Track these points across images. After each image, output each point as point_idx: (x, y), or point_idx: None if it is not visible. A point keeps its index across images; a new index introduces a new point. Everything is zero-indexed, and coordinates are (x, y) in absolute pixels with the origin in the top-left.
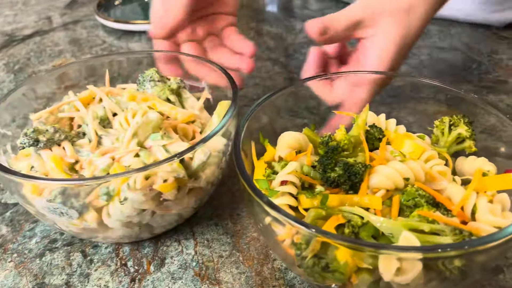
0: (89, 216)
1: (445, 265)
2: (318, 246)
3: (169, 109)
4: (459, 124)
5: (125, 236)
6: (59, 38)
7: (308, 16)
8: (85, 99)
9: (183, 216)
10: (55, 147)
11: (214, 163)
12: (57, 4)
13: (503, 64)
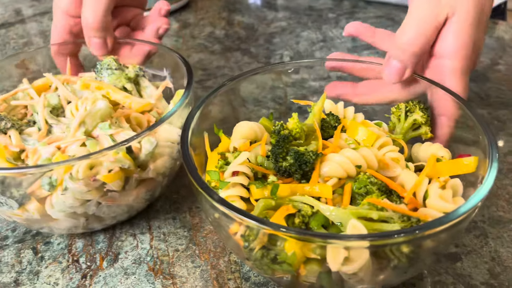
0: (31, 206)
1: (393, 252)
2: (265, 238)
3: (123, 98)
4: (414, 110)
5: (73, 227)
6: (24, 30)
7: (281, 6)
8: (41, 87)
9: (135, 207)
10: (1, 135)
11: (165, 153)
12: None
13: None
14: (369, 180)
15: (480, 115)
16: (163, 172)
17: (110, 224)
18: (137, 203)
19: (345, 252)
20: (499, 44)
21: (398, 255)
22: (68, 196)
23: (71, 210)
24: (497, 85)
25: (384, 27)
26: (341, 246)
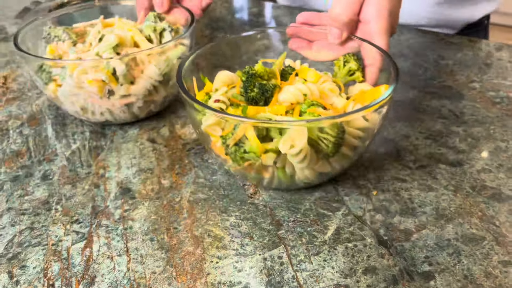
0: (50, 86)
1: (322, 140)
2: (239, 135)
3: (139, 40)
4: (350, 60)
5: (74, 112)
6: (6, 48)
7: (264, 23)
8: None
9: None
10: (59, 42)
11: (141, 82)
12: (8, 13)
13: (448, 69)
14: (312, 102)
15: (391, 59)
16: (138, 93)
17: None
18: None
19: (290, 139)
20: (474, 62)
21: (326, 142)
22: (67, 86)
23: (69, 98)
24: (472, 103)
25: None
26: (288, 127)
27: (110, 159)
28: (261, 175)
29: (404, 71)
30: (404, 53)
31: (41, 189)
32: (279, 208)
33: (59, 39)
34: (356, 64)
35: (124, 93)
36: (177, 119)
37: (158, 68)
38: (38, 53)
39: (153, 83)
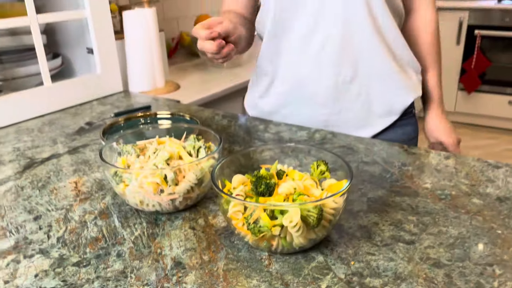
0: (120, 185)
1: (308, 216)
2: (256, 215)
3: (184, 155)
4: (321, 165)
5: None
6: (71, 159)
7: (269, 138)
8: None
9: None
10: (128, 156)
11: (182, 185)
12: (67, 131)
13: (409, 173)
14: (300, 193)
15: (347, 164)
16: (180, 192)
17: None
18: (165, 205)
19: (290, 217)
20: (428, 168)
21: (312, 218)
22: (132, 186)
23: (133, 194)
24: (424, 199)
25: (345, 155)
26: (287, 208)
27: (163, 242)
28: (270, 243)
29: (375, 175)
30: (377, 161)
31: (118, 263)
32: (287, 274)
33: (128, 153)
34: (325, 166)
35: (170, 191)
36: (209, 212)
37: (195, 175)
38: (112, 162)
39: (191, 184)
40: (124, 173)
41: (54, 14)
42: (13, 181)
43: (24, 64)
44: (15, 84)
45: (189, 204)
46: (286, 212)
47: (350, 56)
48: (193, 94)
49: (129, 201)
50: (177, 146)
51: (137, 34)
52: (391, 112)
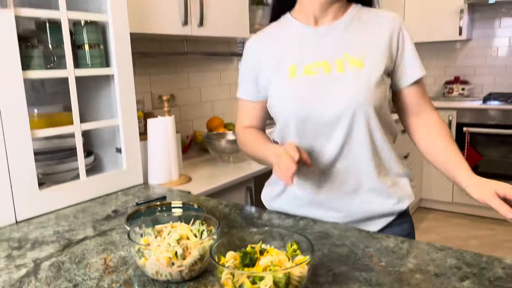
0: (142, 259)
1: (279, 281)
2: (241, 281)
3: (191, 236)
4: (294, 244)
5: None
6: (101, 240)
7: (261, 224)
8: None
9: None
10: (148, 236)
11: (189, 260)
12: (97, 217)
13: (369, 254)
14: (274, 265)
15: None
16: (187, 265)
17: None
18: (174, 275)
19: (265, 281)
20: (386, 250)
21: (282, 283)
22: (151, 259)
23: (151, 266)
24: (377, 274)
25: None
26: (264, 275)
27: None
28: None
29: (343, 255)
30: (346, 244)
31: None
32: None
33: (148, 234)
34: (297, 245)
35: (179, 264)
36: (209, 282)
37: (198, 252)
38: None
39: (195, 259)
40: (145, 250)
41: (94, 123)
42: (55, 257)
43: (63, 161)
44: (56, 177)
45: (193, 275)
46: (263, 278)
47: (353, 174)
48: (203, 185)
49: (147, 272)
50: (186, 229)
51: (158, 137)
52: (388, 215)
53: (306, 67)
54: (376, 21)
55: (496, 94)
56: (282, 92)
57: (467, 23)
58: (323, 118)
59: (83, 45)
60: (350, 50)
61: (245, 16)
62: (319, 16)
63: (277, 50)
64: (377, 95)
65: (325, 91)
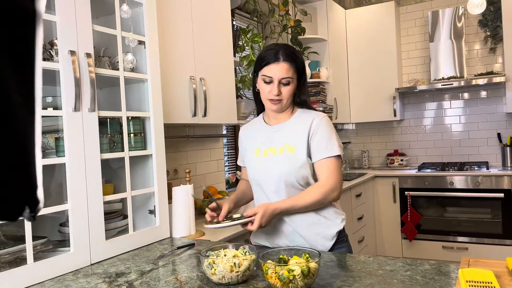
0: (211, 271)
1: (304, 270)
2: (281, 272)
3: (237, 254)
4: (306, 254)
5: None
6: (165, 270)
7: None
8: (224, 252)
9: (233, 281)
10: (211, 257)
11: (241, 268)
12: (150, 258)
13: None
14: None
15: None
16: (243, 271)
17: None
18: (233, 279)
19: (295, 271)
20: (345, 272)
21: (305, 271)
22: (219, 270)
23: (218, 274)
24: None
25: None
26: (294, 268)
27: None
28: (288, 286)
29: None
30: None
31: None
32: None
33: (212, 255)
34: (308, 255)
35: (237, 270)
36: (256, 282)
37: (248, 262)
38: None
39: (246, 268)
40: (213, 263)
41: (140, 190)
42: (139, 280)
43: (112, 221)
44: (107, 233)
45: (244, 279)
46: (294, 270)
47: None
48: (214, 237)
49: (214, 279)
50: (235, 251)
51: (181, 200)
52: (327, 241)
53: (264, 150)
54: (307, 120)
55: (428, 164)
56: (249, 165)
57: (399, 106)
58: (268, 183)
59: (130, 134)
60: (288, 141)
61: (233, 108)
62: (273, 118)
63: (253, 137)
64: (301, 172)
65: (270, 166)
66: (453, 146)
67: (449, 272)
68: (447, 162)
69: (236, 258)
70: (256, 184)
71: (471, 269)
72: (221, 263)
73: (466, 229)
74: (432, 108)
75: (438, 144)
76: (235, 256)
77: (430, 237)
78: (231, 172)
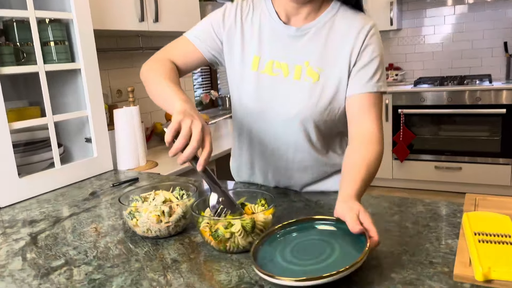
0: (133, 220)
1: (246, 225)
2: (215, 227)
3: (174, 200)
4: (262, 200)
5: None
6: (87, 215)
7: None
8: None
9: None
10: (135, 202)
11: (174, 217)
12: (77, 199)
13: (321, 204)
14: None
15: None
16: (173, 221)
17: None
18: (163, 231)
19: (235, 227)
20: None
21: (248, 227)
22: (142, 219)
23: (142, 225)
24: (323, 212)
25: (280, 197)
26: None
27: (164, 252)
28: (225, 245)
29: (300, 207)
30: (301, 199)
31: (137, 264)
32: (241, 259)
33: (136, 200)
34: (264, 200)
35: (166, 221)
36: (191, 235)
37: (182, 210)
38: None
39: (180, 216)
40: (135, 212)
41: (66, 114)
42: (48, 230)
43: (36, 153)
44: (30, 168)
45: (178, 230)
46: (233, 225)
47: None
48: (169, 168)
49: (138, 231)
50: (168, 194)
51: (124, 126)
52: None
53: (268, 63)
54: (345, 32)
55: (425, 78)
56: (245, 83)
57: (397, 14)
58: (270, 124)
59: (49, 42)
60: (311, 60)
61: (196, 12)
62: (291, 14)
63: (252, 33)
64: (323, 116)
65: (279, 94)
66: (454, 59)
67: (449, 216)
68: (446, 76)
69: (166, 205)
70: (244, 120)
71: (480, 214)
72: (144, 212)
73: (461, 148)
74: (433, 15)
75: (437, 57)
76: (166, 201)
77: (422, 157)
78: (205, 92)
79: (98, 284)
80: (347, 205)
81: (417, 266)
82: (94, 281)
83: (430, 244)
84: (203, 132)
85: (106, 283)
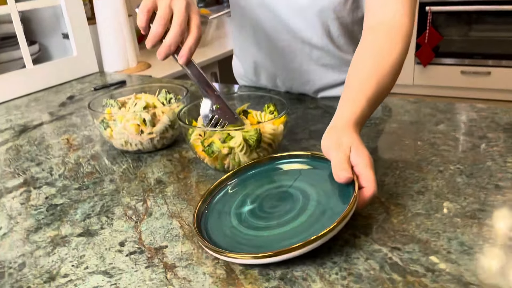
0: (107, 131)
1: (250, 138)
2: (210, 140)
3: (157, 104)
4: (270, 106)
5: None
6: (60, 124)
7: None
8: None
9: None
10: (112, 108)
11: (158, 127)
12: (52, 105)
13: None
14: None
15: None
16: (157, 132)
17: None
18: (146, 144)
19: (235, 140)
20: None
21: (252, 141)
22: (117, 129)
23: (118, 136)
24: None
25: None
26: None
27: (146, 170)
28: (223, 163)
29: (318, 115)
30: (319, 106)
31: (111, 185)
32: None
33: (112, 106)
34: (274, 107)
35: (149, 131)
36: (182, 149)
37: (168, 117)
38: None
39: (166, 126)
40: (110, 120)
41: (32, 2)
42: (11, 142)
43: (4, 50)
44: None
45: (166, 143)
46: (233, 137)
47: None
48: (164, 70)
49: (115, 144)
50: (152, 98)
51: (108, 19)
52: None
53: None
54: None
55: None
56: None
57: None
58: (280, 11)
59: None
60: None
61: None
62: None
63: None
64: (347, 3)
65: None
66: None
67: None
68: None
69: (146, 112)
70: (246, 9)
71: None
72: (120, 120)
73: (491, 51)
74: None
75: None
76: (148, 107)
77: (448, 61)
78: None
79: (58, 211)
80: (336, 136)
81: (479, 192)
82: (54, 208)
83: (493, 161)
84: (188, 11)
85: (70, 210)
